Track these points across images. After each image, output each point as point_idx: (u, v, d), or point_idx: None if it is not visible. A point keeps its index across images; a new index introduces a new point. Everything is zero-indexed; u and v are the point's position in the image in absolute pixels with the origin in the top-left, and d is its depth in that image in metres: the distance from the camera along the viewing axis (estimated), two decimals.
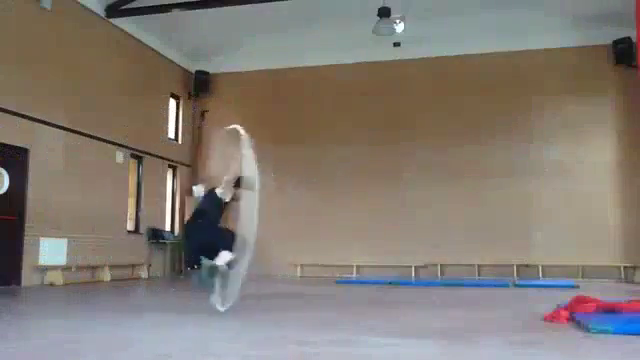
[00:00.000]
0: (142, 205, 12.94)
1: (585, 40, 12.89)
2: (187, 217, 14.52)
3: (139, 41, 13.05)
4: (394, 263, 13.18)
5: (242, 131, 5.99)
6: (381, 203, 13.61)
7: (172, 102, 14.70)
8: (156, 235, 13.15)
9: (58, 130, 10.48)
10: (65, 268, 10.27)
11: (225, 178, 6.05)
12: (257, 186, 5.89)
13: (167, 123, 14.43)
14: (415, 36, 12.80)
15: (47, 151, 10.22)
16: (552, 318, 5.14)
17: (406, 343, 4.10)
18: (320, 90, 14.39)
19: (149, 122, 13.39)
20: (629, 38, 12.17)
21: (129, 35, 12.66)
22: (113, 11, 11.82)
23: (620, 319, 4.84)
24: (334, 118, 14.18)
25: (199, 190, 6.48)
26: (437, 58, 13.70)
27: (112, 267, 11.42)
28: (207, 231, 5.91)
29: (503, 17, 12.33)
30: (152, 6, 11.66)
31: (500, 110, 13.31)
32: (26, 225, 9.65)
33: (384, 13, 11.27)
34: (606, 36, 12.65)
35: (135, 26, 12.64)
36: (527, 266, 12.66)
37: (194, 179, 14.90)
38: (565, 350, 3.89)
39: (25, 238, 9.63)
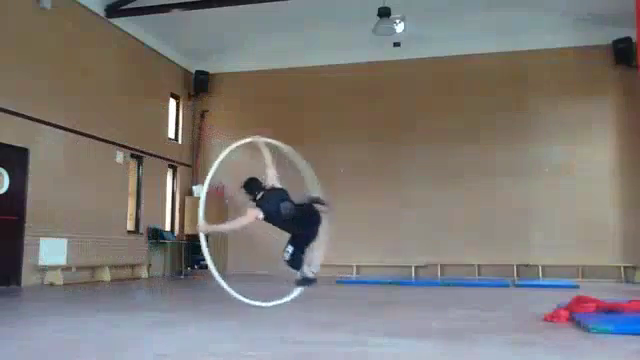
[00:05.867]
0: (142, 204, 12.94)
1: (585, 40, 12.88)
2: (185, 217, 14.57)
3: (139, 41, 13.04)
4: (394, 263, 13.19)
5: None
6: (381, 203, 13.61)
7: (172, 102, 14.70)
8: (156, 235, 13.15)
9: (58, 130, 10.47)
10: (65, 268, 10.26)
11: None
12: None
13: (167, 123, 14.43)
14: (415, 36, 12.81)
15: (47, 151, 10.22)
16: (552, 318, 5.14)
17: (406, 343, 4.11)
18: (320, 90, 14.38)
19: (149, 122, 13.39)
20: (629, 38, 12.19)
21: (129, 35, 12.66)
22: (113, 11, 11.82)
23: (620, 319, 4.84)
24: (334, 118, 14.16)
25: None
26: (437, 58, 13.69)
27: (112, 267, 11.42)
28: None
29: (503, 17, 12.32)
30: (152, 6, 11.66)
31: (500, 110, 13.30)
32: (26, 225, 9.63)
33: (384, 13, 11.28)
34: (606, 36, 12.65)
35: (135, 26, 12.64)
36: (527, 266, 12.66)
37: (194, 179, 14.92)
38: (565, 350, 3.89)
39: (25, 238, 9.61)
